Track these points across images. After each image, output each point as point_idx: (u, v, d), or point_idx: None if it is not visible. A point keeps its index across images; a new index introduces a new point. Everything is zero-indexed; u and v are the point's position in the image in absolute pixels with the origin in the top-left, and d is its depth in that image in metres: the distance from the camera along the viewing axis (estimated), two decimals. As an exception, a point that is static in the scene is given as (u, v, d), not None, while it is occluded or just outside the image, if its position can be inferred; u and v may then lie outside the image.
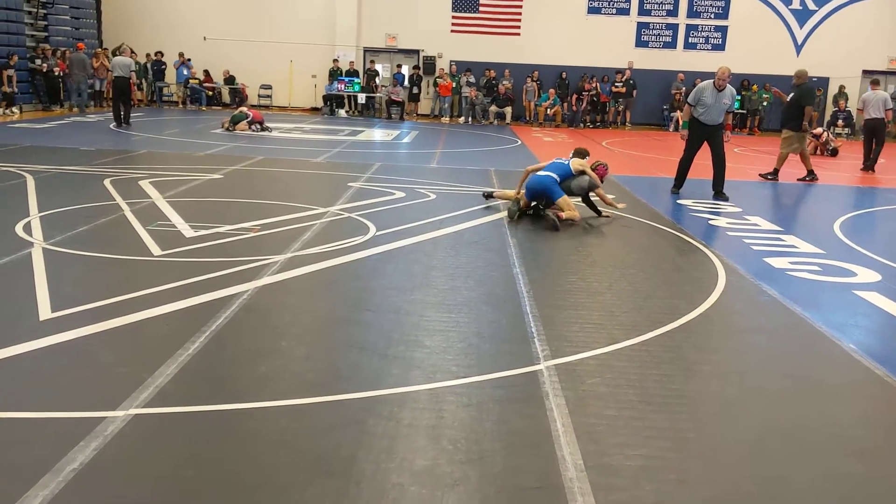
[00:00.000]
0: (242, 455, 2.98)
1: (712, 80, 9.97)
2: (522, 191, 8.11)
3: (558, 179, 7.94)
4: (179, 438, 3.11)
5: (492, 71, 23.77)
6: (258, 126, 16.71)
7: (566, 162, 8.20)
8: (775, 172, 12.45)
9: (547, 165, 8.22)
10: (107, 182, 9.05)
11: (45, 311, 4.46)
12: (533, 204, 8.05)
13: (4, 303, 4.63)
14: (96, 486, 2.70)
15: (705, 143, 10.22)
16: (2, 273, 5.25)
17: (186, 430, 3.19)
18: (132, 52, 21.93)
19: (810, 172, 12.50)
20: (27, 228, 6.52)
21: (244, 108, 17.64)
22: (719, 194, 10.14)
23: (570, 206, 7.85)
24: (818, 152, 17.68)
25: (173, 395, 3.44)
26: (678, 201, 9.83)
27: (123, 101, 16.47)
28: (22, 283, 5.00)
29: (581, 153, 8.49)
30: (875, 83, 14.67)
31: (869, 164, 14.40)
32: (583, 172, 8.14)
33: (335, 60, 23.78)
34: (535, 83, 23.62)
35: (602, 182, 8.39)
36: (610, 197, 8.63)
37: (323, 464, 2.90)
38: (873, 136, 14.50)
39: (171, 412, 3.30)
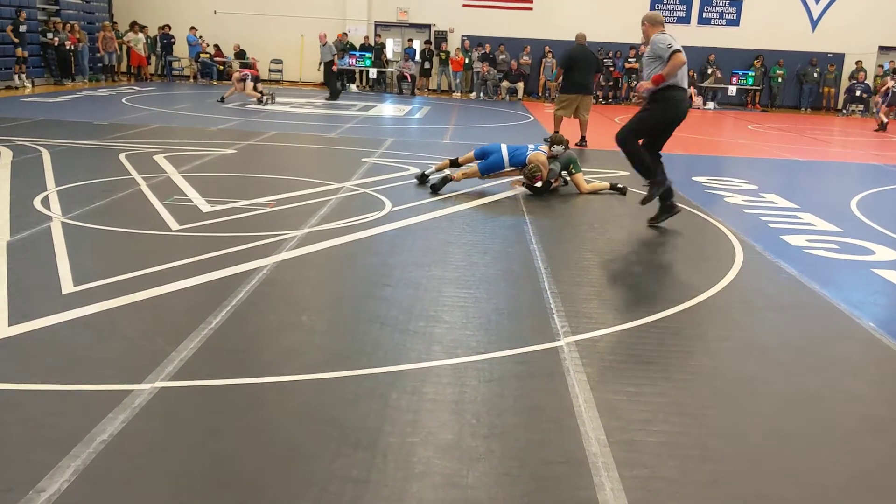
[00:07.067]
0: (268, 427, 3.01)
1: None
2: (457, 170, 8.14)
3: (507, 153, 7.91)
4: (205, 411, 3.15)
5: (501, 46, 23.60)
6: (259, 90, 16.61)
7: (527, 151, 7.91)
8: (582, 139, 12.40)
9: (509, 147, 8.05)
10: (122, 156, 9.06)
11: (67, 285, 4.49)
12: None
13: (27, 276, 4.67)
14: (126, 456, 2.74)
15: None
16: (23, 247, 5.28)
17: (212, 402, 3.22)
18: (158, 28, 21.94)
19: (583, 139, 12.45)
20: (45, 202, 6.55)
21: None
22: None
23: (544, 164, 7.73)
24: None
25: (197, 369, 3.48)
26: (693, 178, 9.78)
27: (328, 80, 19.81)
28: (43, 257, 5.03)
29: (557, 140, 8.24)
30: None
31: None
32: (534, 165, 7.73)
33: (343, 35, 23.63)
34: (553, 59, 23.42)
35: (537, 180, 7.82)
36: (590, 186, 8.36)
37: (349, 436, 2.93)
38: None
39: (196, 385, 3.33)
